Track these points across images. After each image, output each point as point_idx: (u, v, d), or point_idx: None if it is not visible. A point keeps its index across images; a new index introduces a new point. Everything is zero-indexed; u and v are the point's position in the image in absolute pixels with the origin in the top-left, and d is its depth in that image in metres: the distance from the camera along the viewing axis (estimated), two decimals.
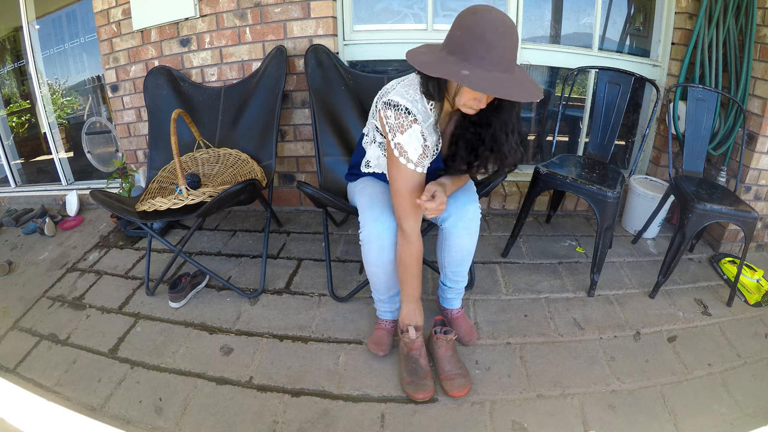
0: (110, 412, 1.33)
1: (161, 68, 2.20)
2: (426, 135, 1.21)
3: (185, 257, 1.78)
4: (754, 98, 1.97)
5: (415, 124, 1.18)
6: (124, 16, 2.31)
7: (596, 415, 1.29)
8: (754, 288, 1.80)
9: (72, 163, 3.07)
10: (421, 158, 1.21)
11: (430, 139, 1.23)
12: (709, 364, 1.49)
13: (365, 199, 1.37)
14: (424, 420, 1.28)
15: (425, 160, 1.22)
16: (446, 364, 1.39)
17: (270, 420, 1.29)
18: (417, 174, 1.23)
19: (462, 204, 1.36)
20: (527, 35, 2.31)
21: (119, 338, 1.62)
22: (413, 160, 1.20)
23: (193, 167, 2.05)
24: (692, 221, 1.70)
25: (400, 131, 1.18)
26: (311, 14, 2.09)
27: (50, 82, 2.93)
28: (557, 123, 2.17)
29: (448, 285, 1.53)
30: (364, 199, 1.38)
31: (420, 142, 1.19)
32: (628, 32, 2.43)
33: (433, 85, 1.15)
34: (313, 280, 1.90)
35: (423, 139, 1.20)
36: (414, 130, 1.18)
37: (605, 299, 1.79)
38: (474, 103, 1.11)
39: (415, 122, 1.18)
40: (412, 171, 1.21)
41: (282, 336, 1.60)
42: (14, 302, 1.88)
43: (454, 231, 1.37)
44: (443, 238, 1.42)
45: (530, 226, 2.33)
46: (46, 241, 2.40)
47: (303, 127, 2.32)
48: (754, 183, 2.05)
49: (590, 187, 1.71)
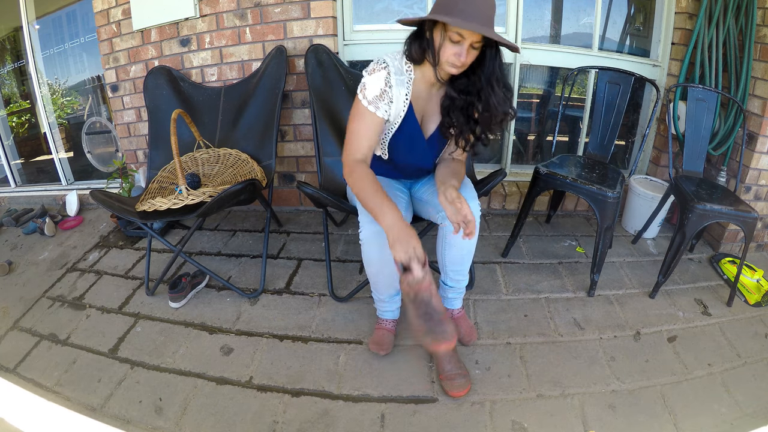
0: (110, 412, 1.33)
1: (161, 68, 2.20)
2: (392, 84, 1.27)
3: (185, 257, 1.78)
4: (754, 98, 1.97)
5: (384, 70, 1.26)
6: (124, 16, 2.31)
7: (596, 415, 1.29)
8: (754, 288, 1.80)
9: (72, 163, 3.08)
10: (376, 99, 1.27)
11: (397, 90, 1.27)
12: (709, 364, 1.49)
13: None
14: (424, 420, 1.28)
15: (380, 103, 1.27)
16: (446, 363, 1.39)
17: (270, 420, 1.29)
18: (369, 114, 1.28)
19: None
20: (527, 35, 2.31)
21: (119, 338, 1.62)
22: (368, 97, 1.26)
23: (193, 167, 2.05)
24: (692, 221, 1.70)
25: (369, 74, 1.28)
26: (311, 14, 2.10)
27: (50, 82, 2.93)
28: (557, 123, 2.17)
29: (450, 284, 1.53)
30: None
31: (381, 86, 1.26)
32: (628, 32, 2.43)
33: (415, 48, 1.23)
34: (313, 280, 1.90)
35: (386, 84, 1.26)
36: (380, 74, 1.26)
37: (605, 299, 1.79)
38: (455, 59, 1.17)
39: (384, 69, 1.26)
40: (365, 109, 1.27)
41: (282, 336, 1.60)
42: (14, 302, 1.88)
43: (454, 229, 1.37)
44: (443, 236, 1.42)
45: (530, 226, 2.33)
46: (46, 241, 2.40)
47: (303, 127, 2.32)
48: (754, 183, 2.05)
49: (590, 187, 1.71)
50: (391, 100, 1.28)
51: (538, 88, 2.58)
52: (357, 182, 1.26)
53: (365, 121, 1.29)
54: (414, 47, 1.23)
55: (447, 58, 1.18)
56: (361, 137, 1.30)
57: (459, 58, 1.16)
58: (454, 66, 1.19)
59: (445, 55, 1.18)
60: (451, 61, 1.18)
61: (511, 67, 2.31)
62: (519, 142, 2.66)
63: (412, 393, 1.37)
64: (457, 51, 1.16)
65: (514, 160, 2.57)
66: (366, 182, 1.24)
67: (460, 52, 1.16)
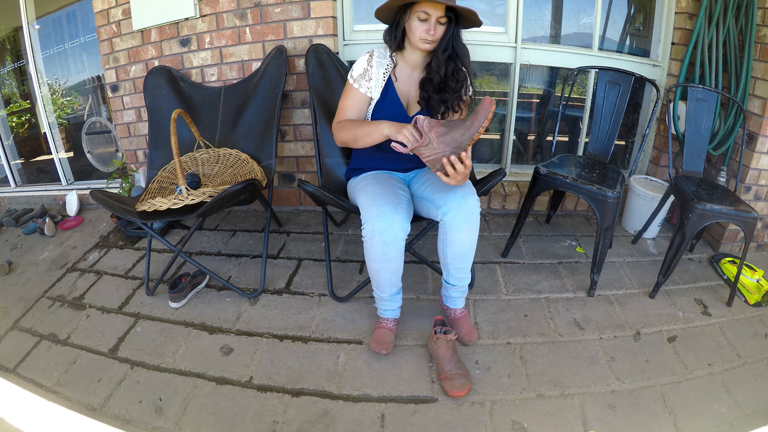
0: (110, 412, 1.33)
1: (161, 68, 2.20)
2: (374, 64, 1.50)
3: (185, 257, 1.78)
4: (754, 98, 1.97)
5: (369, 55, 1.51)
6: (124, 16, 2.31)
7: (596, 415, 1.29)
8: (754, 288, 1.80)
9: (72, 163, 3.08)
10: (360, 77, 1.50)
11: (377, 70, 1.50)
12: (709, 364, 1.49)
13: (367, 196, 1.38)
14: (424, 420, 1.28)
15: (362, 81, 1.50)
16: (446, 363, 1.39)
17: (270, 420, 1.29)
18: (354, 90, 1.51)
19: (461, 196, 1.36)
20: (527, 35, 2.31)
21: (119, 338, 1.62)
22: (354, 75, 1.51)
23: (193, 167, 2.05)
24: (692, 221, 1.70)
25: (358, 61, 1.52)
26: (311, 14, 2.10)
27: (50, 82, 2.93)
28: (557, 123, 2.17)
29: (452, 283, 1.53)
30: (365, 196, 1.39)
31: (364, 66, 1.50)
32: (628, 32, 2.43)
33: (391, 35, 1.46)
34: (313, 280, 1.90)
35: (368, 64, 1.50)
36: (365, 57, 1.51)
37: (605, 299, 1.79)
38: (426, 35, 1.36)
39: (369, 54, 1.51)
40: (350, 86, 1.52)
41: (282, 336, 1.60)
42: (14, 302, 1.88)
43: (454, 224, 1.37)
44: (444, 233, 1.42)
45: (530, 226, 2.33)
46: (46, 241, 2.40)
47: (303, 127, 2.32)
48: (754, 183, 2.05)
49: (590, 187, 1.71)
50: (371, 78, 1.50)
51: (538, 88, 2.58)
52: (345, 127, 1.48)
53: (350, 96, 1.52)
54: (390, 35, 1.46)
55: (419, 35, 1.37)
56: (347, 109, 1.53)
57: (429, 33, 1.36)
58: (426, 42, 1.38)
59: (417, 33, 1.38)
60: (423, 37, 1.37)
61: (511, 68, 2.31)
62: (519, 142, 2.66)
63: (412, 393, 1.37)
64: (426, 27, 1.36)
65: (514, 160, 2.57)
66: (353, 123, 1.48)
67: (429, 28, 1.35)
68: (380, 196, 1.35)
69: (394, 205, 1.32)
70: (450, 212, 1.36)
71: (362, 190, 1.44)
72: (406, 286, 1.81)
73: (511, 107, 2.39)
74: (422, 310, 1.71)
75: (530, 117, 2.66)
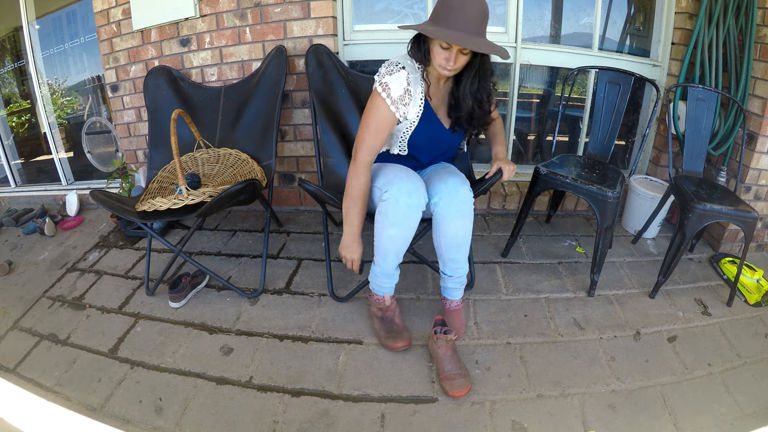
0: (110, 412, 1.33)
1: (161, 68, 2.20)
2: (411, 82, 1.35)
3: (185, 257, 1.78)
4: (754, 98, 1.97)
5: (403, 70, 1.34)
6: (124, 16, 2.30)
7: (596, 415, 1.29)
8: (754, 288, 1.80)
9: (72, 163, 3.08)
10: (400, 98, 1.34)
11: (414, 89, 1.36)
12: (709, 364, 1.49)
13: (389, 171, 1.40)
14: (424, 420, 1.28)
15: (401, 105, 1.35)
16: (446, 363, 1.39)
17: (270, 420, 1.29)
18: (390, 114, 1.35)
19: (453, 186, 1.36)
20: (527, 35, 2.30)
21: (119, 338, 1.62)
22: (393, 96, 1.33)
23: (193, 167, 2.06)
24: (692, 221, 1.70)
25: (389, 74, 1.34)
26: (311, 14, 2.09)
27: (50, 82, 2.93)
28: (557, 123, 2.17)
29: (448, 273, 1.52)
30: (387, 171, 1.40)
31: (404, 85, 1.33)
32: (628, 32, 2.43)
33: (416, 50, 1.33)
34: (313, 280, 1.90)
35: (407, 83, 1.34)
36: (401, 74, 1.33)
37: (605, 299, 1.79)
38: (445, 63, 1.27)
39: (402, 69, 1.34)
40: (387, 109, 1.34)
41: (282, 336, 1.60)
42: (14, 302, 1.88)
43: (447, 214, 1.37)
44: (437, 224, 1.41)
45: (530, 226, 2.33)
46: (46, 241, 2.40)
47: (303, 127, 2.32)
48: (754, 183, 2.05)
49: (590, 187, 1.71)
50: (407, 102, 1.36)
51: (538, 88, 2.58)
52: (355, 185, 1.38)
53: (385, 120, 1.37)
54: (414, 50, 1.34)
55: (439, 62, 1.29)
56: (379, 136, 1.38)
57: (448, 63, 1.27)
58: (445, 69, 1.29)
59: (437, 60, 1.29)
60: (442, 65, 1.28)
61: (511, 68, 2.31)
62: (519, 142, 2.66)
63: (412, 393, 1.37)
64: (446, 56, 1.26)
65: (514, 160, 2.57)
66: (360, 190, 1.38)
67: (449, 57, 1.26)
68: (402, 172, 1.38)
69: (417, 178, 1.36)
70: (441, 202, 1.37)
71: (381, 170, 1.44)
72: (406, 286, 1.82)
73: (511, 107, 2.39)
74: (422, 310, 1.71)
75: (530, 117, 2.66)
